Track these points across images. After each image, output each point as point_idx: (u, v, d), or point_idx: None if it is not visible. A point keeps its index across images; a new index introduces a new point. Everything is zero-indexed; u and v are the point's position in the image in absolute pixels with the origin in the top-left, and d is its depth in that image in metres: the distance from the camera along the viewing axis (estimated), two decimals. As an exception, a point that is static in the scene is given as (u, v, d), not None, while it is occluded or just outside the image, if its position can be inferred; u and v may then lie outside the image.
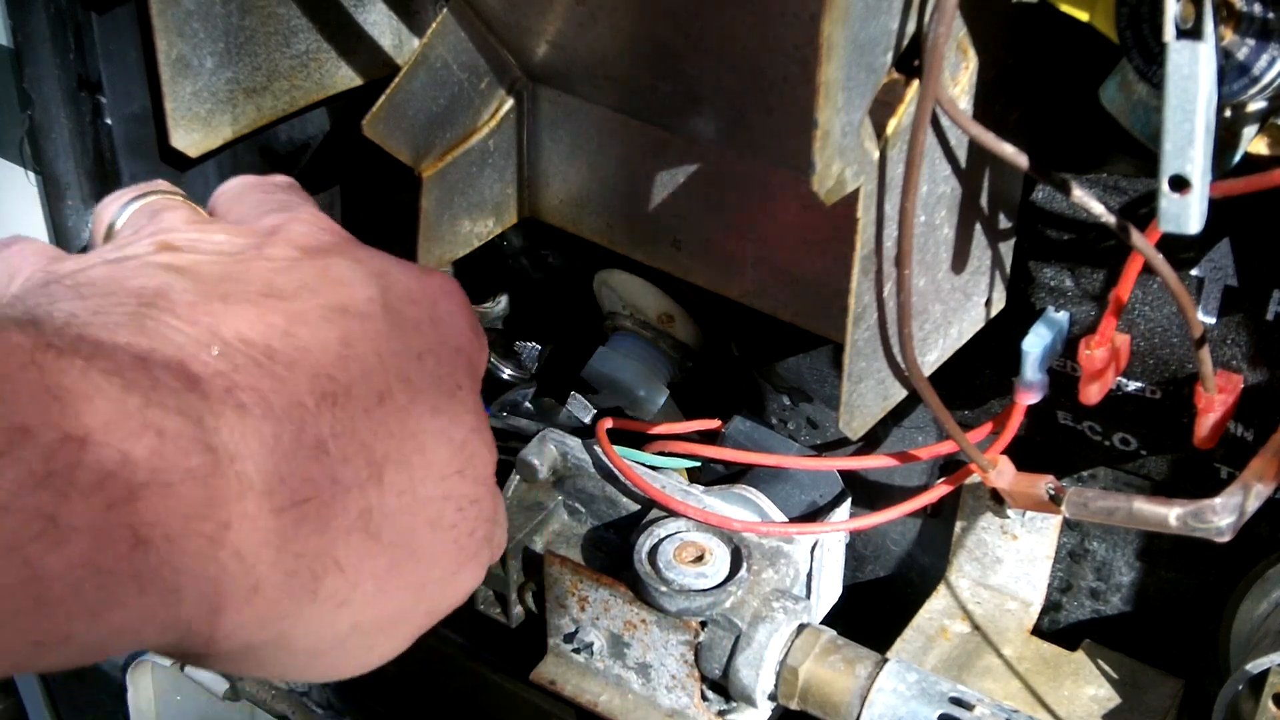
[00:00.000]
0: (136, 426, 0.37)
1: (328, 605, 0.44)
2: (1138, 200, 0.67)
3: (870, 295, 0.62)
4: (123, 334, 0.40)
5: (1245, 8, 0.51)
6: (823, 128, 0.52)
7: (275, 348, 0.43)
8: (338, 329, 0.45)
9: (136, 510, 0.37)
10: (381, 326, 0.47)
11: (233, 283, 0.45)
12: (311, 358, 0.43)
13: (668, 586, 0.70)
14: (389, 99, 0.73)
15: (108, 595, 0.36)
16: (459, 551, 0.49)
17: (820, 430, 0.89)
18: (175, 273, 0.44)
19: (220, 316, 0.42)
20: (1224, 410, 0.65)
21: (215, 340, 0.41)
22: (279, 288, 0.45)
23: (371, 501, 0.44)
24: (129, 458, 0.37)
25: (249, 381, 0.41)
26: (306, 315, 0.45)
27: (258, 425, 0.41)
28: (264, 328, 0.43)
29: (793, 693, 0.70)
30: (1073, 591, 0.84)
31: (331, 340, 0.45)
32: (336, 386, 0.44)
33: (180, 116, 0.78)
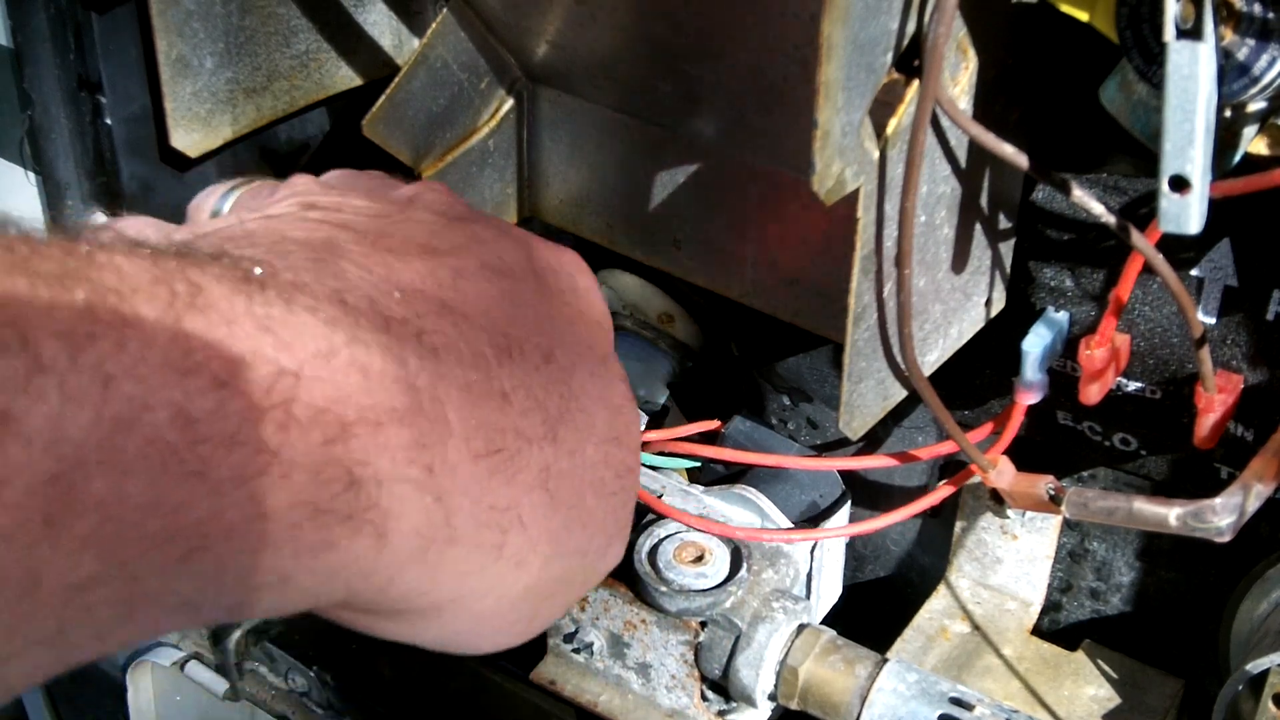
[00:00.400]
0: (343, 363, 0.36)
1: (509, 564, 0.42)
2: (1138, 200, 0.67)
3: (870, 295, 0.62)
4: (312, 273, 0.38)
5: (1245, 8, 0.51)
6: (823, 128, 0.52)
7: (448, 300, 0.41)
8: (498, 286, 0.44)
9: (350, 448, 0.35)
10: (534, 287, 0.46)
11: (392, 239, 0.43)
12: (483, 312, 0.42)
13: (667, 586, 0.70)
14: (389, 99, 0.73)
15: (324, 535, 0.35)
16: (614, 521, 0.47)
17: (820, 430, 0.89)
18: (335, 227, 0.43)
19: (393, 267, 0.41)
20: (1224, 410, 0.65)
21: (395, 288, 0.40)
22: (436, 245, 0.44)
23: (549, 459, 0.43)
24: (340, 393, 0.35)
25: (435, 328, 0.40)
26: (469, 271, 0.43)
27: (452, 370, 0.39)
28: (434, 281, 0.42)
29: (793, 693, 0.70)
30: (1073, 591, 0.84)
31: (496, 296, 0.43)
32: (510, 341, 0.42)
33: (180, 116, 0.78)
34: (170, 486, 0.32)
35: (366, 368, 0.36)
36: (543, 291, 0.46)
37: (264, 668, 1.05)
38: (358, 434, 0.36)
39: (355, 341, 0.36)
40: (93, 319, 0.31)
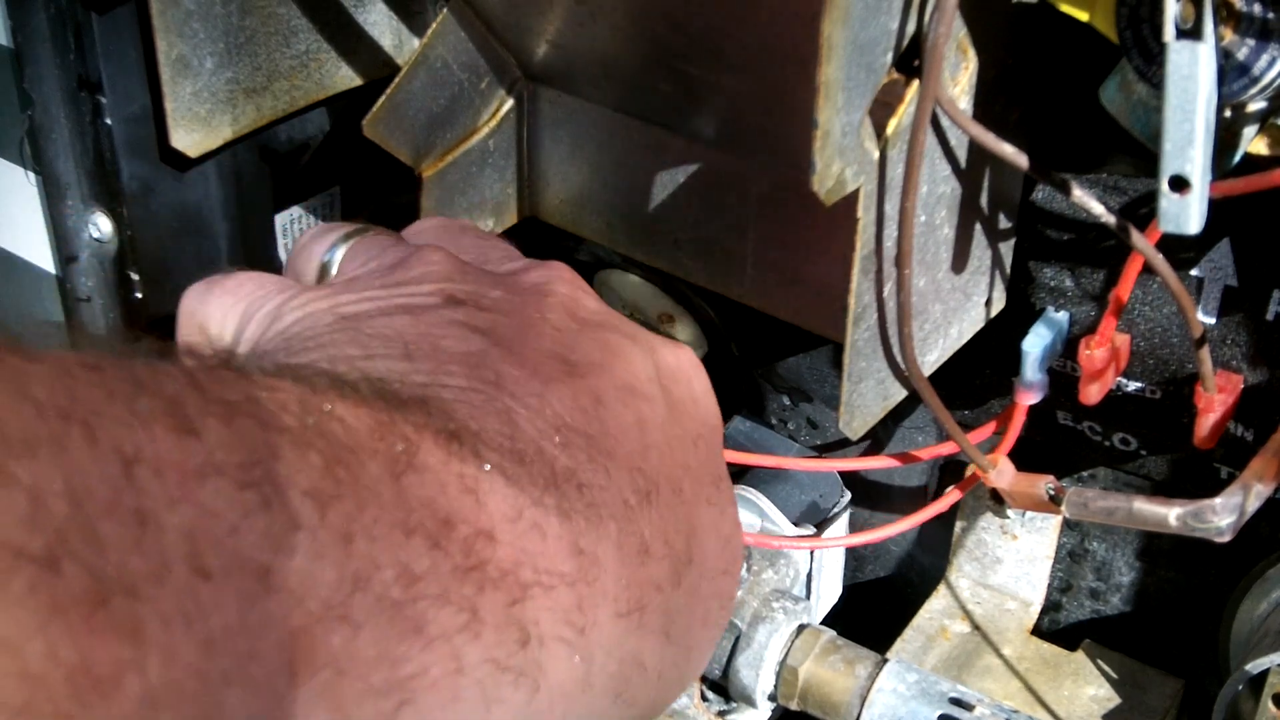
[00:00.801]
0: (527, 526, 0.37)
1: (625, 704, 0.43)
2: (1138, 200, 0.67)
3: (870, 295, 0.62)
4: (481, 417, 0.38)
5: (1245, 8, 0.51)
6: (823, 128, 0.52)
7: (594, 436, 0.41)
8: (633, 412, 0.43)
9: (526, 609, 0.36)
10: (663, 409, 0.45)
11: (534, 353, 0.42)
12: (621, 447, 0.42)
13: (668, 586, 0.70)
14: (389, 99, 0.73)
15: (496, 691, 0.36)
16: (711, 647, 0.47)
17: (820, 430, 0.89)
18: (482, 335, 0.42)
19: (544, 399, 0.41)
20: (1224, 410, 0.65)
21: (554, 428, 0.40)
22: (574, 362, 0.43)
23: (671, 604, 0.43)
24: (523, 556, 0.36)
25: (590, 479, 0.40)
26: (604, 397, 0.43)
27: (607, 526, 0.40)
28: (580, 413, 0.41)
29: (792, 693, 0.70)
30: (1072, 591, 0.84)
31: (630, 425, 0.43)
32: (648, 482, 0.42)
33: (180, 116, 0.78)
34: (394, 642, 0.33)
35: (545, 531, 0.37)
36: (671, 409, 0.45)
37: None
38: (534, 595, 0.37)
39: (536, 503, 0.37)
40: (335, 479, 0.32)
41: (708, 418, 0.48)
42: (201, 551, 0.28)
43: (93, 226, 0.83)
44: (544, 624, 0.37)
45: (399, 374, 0.38)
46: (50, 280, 0.87)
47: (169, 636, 0.27)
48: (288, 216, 0.91)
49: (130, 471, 0.27)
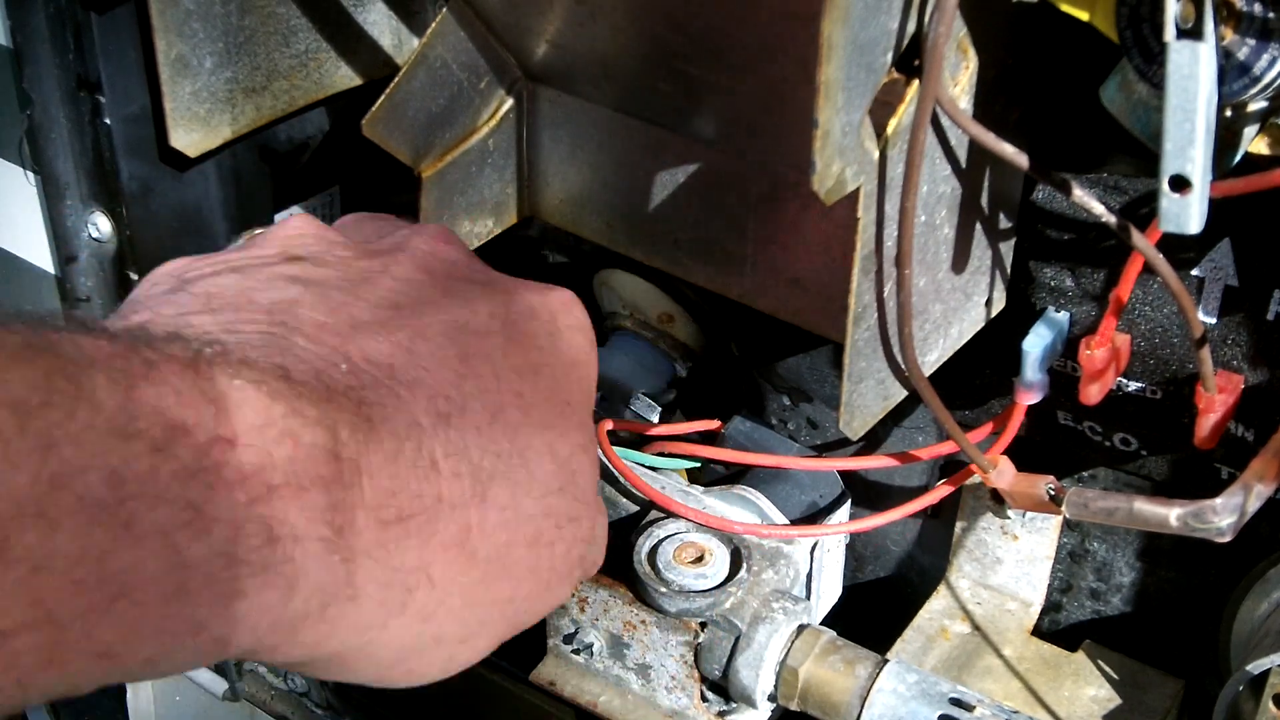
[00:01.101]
0: (278, 433, 0.40)
1: (415, 618, 0.45)
2: (1138, 200, 0.67)
3: (870, 295, 0.62)
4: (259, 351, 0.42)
5: (1246, 7, 0.51)
6: (823, 128, 0.52)
7: (397, 367, 0.44)
8: (457, 346, 0.46)
9: (272, 508, 0.39)
10: (500, 342, 0.48)
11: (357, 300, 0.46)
12: (431, 376, 0.45)
13: (667, 587, 0.70)
14: (389, 99, 0.73)
15: (237, 585, 0.38)
16: (552, 569, 0.49)
17: (820, 430, 0.89)
18: (302, 285, 0.46)
19: (347, 337, 0.44)
20: (1224, 410, 0.65)
21: (343, 359, 0.43)
22: (402, 306, 0.47)
23: (473, 519, 0.45)
24: (271, 461, 0.39)
25: (375, 399, 0.43)
26: (428, 332, 0.46)
27: (382, 440, 0.42)
28: (389, 346, 0.45)
29: (792, 693, 0.70)
30: (1073, 592, 0.84)
31: (451, 357, 0.46)
32: (452, 406, 0.45)
33: (180, 116, 0.78)
34: (97, 538, 0.35)
35: (299, 438, 0.40)
36: (511, 343, 0.49)
37: (263, 668, 1.05)
38: (282, 496, 0.39)
39: (292, 414, 0.40)
40: (48, 389, 0.34)
41: (564, 352, 0.50)
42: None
43: (92, 226, 0.83)
44: (295, 523, 0.39)
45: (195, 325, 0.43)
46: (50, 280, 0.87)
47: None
48: (287, 216, 0.91)
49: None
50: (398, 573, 0.43)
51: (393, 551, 0.43)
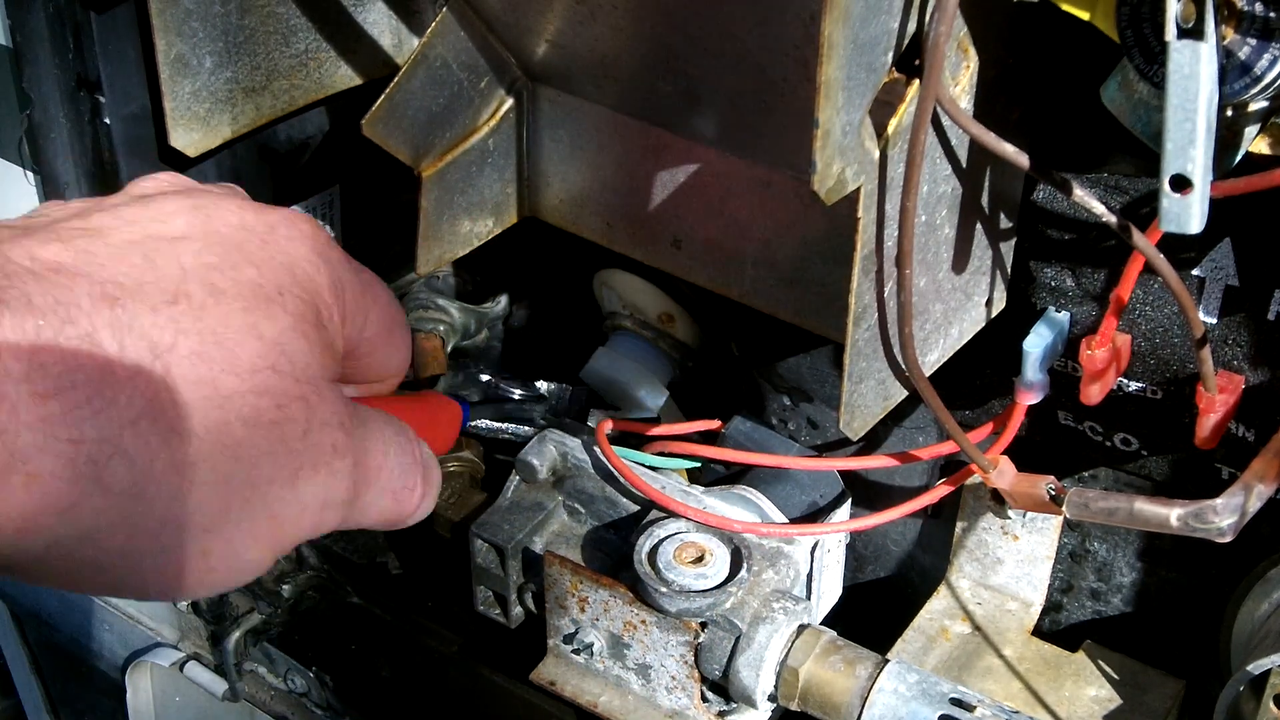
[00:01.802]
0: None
1: (123, 496, 0.44)
2: (1139, 200, 0.67)
3: (870, 295, 0.61)
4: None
5: (1246, 7, 0.51)
6: (823, 127, 0.52)
7: (63, 263, 0.45)
8: (141, 249, 0.47)
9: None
10: (195, 245, 0.48)
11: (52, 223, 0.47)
12: (101, 270, 0.45)
13: (668, 587, 0.70)
14: (389, 99, 0.73)
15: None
16: (289, 452, 0.48)
17: (820, 430, 0.89)
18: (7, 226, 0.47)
19: (16, 244, 0.45)
20: (1225, 410, 0.65)
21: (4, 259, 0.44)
22: (92, 221, 0.48)
23: (159, 391, 0.45)
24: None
25: (16, 286, 0.43)
26: (109, 237, 0.47)
27: (18, 320, 0.43)
28: (59, 248, 0.45)
29: (793, 693, 0.70)
30: (1073, 592, 0.84)
31: (130, 255, 0.47)
32: (121, 291, 0.45)
33: (179, 116, 0.78)
34: None
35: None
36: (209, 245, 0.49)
37: (263, 668, 1.05)
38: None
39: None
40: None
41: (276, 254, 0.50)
42: None
43: (92, 226, 0.82)
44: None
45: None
46: (49, 280, 0.87)
47: None
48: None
49: None
50: (78, 445, 0.43)
51: (60, 424, 0.43)
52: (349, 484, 0.50)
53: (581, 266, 0.93)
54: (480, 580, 0.81)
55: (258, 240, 0.50)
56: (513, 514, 0.79)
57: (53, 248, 0.45)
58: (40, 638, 1.32)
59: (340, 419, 0.50)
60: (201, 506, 0.46)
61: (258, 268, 0.49)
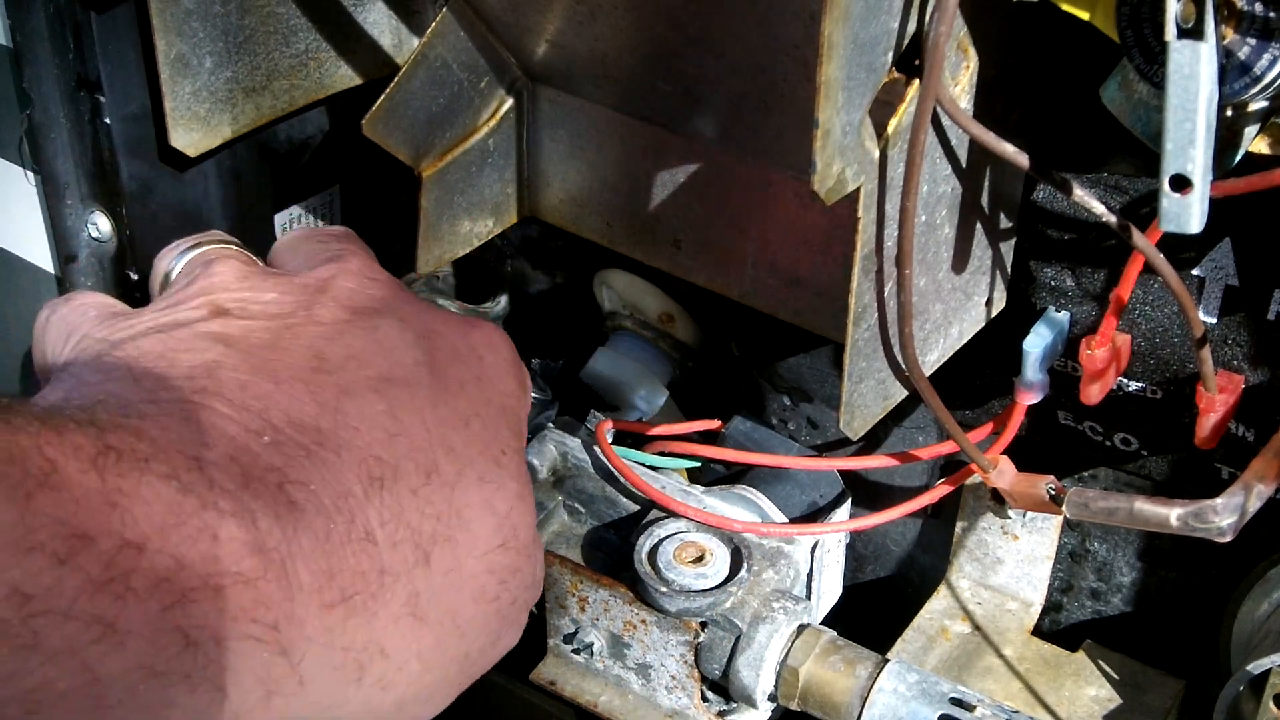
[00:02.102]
0: (192, 531, 0.37)
1: (374, 689, 0.44)
2: (1139, 200, 0.67)
3: (870, 295, 0.61)
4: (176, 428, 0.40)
5: (1246, 7, 0.51)
6: (823, 127, 0.52)
7: (324, 430, 0.43)
8: (385, 401, 0.45)
9: (188, 613, 0.37)
10: (428, 393, 0.47)
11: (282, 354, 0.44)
12: (360, 437, 0.43)
13: (668, 587, 0.70)
14: (388, 99, 0.73)
15: (160, 695, 0.37)
16: (501, 620, 0.49)
17: (820, 430, 0.89)
18: (224, 345, 0.44)
19: (270, 399, 0.42)
20: (1225, 410, 0.65)
21: (266, 428, 0.41)
22: (327, 358, 0.45)
23: (419, 585, 0.44)
24: (183, 562, 0.37)
25: (300, 475, 0.41)
26: (354, 388, 0.45)
27: (310, 522, 0.41)
28: (315, 407, 0.43)
29: (793, 693, 0.70)
30: (1073, 592, 0.84)
31: (379, 414, 0.45)
32: (384, 469, 0.43)
33: (179, 116, 0.78)
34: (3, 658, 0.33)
35: (216, 534, 0.38)
36: (439, 390, 0.47)
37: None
38: (197, 599, 0.37)
39: (206, 508, 0.38)
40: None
41: (493, 396, 0.49)
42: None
43: (92, 226, 0.83)
44: (215, 626, 0.38)
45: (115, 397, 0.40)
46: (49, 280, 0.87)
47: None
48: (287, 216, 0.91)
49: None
50: (348, 652, 0.42)
51: (339, 634, 0.42)
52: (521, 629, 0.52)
53: (581, 266, 0.93)
54: (480, 580, 0.81)
55: (473, 377, 0.49)
56: (513, 514, 0.79)
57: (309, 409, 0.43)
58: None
59: (536, 577, 0.51)
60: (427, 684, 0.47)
61: (482, 420, 0.48)
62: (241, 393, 0.42)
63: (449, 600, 0.46)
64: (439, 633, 0.46)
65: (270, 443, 0.41)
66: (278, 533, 0.40)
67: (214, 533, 0.38)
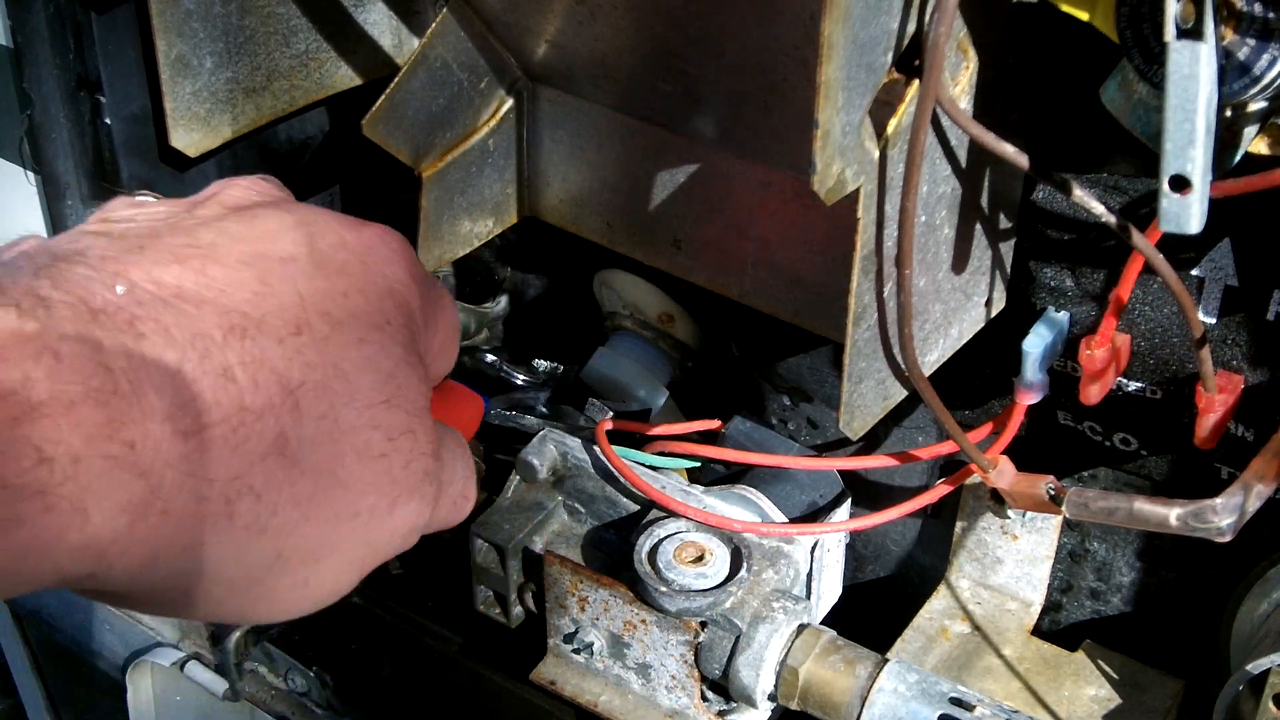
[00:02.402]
0: (34, 349, 0.39)
1: (247, 531, 0.44)
2: (1138, 200, 0.67)
3: (870, 295, 0.62)
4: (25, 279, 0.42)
5: (1246, 7, 0.51)
6: (823, 127, 0.52)
7: (186, 288, 0.44)
8: (255, 271, 0.46)
9: (40, 427, 0.38)
10: (305, 268, 0.48)
11: (154, 239, 0.46)
12: (224, 296, 0.45)
13: (668, 587, 0.70)
14: (389, 99, 0.73)
15: (13, 510, 0.38)
16: (393, 483, 0.49)
17: (820, 430, 0.89)
18: (98, 235, 0.46)
19: (131, 264, 0.44)
20: (1224, 410, 0.65)
21: (123, 281, 0.43)
22: (200, 239, 0.47)
23: (286, 427, 0.45)
24: (29, 377, 0.39)
25: (151, 315, 0.43)
26: (223, 259, 0.46)
27: (158, 353, 0.42)
28: (178, 270, 0.45)
29: (793, 693, 0.70)
30: (1073, 592, 0.84)
31: (248, 279, 0.46)
32: (247, 321, 0.45)
33: (180, 116, 0.78)
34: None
35: (58, 352, 0.39)
36: (317, 268, 0.49)
37: (263, 668, 1.05)
38: (48, 413, 0.39)
39: (48, 330, 0.40)
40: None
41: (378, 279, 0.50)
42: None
43: (92, 226, 0.83)
44: (69, 440, 0.39)
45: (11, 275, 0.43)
46: (50, 280, 0.87)
47: None
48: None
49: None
50: (212, 484, 0.43)
51: (199, 464, 0.42)
52: (432, 505, 0.51)
53: (581, 266, 0.93)
54: (480, 580, 0.81)
55: (358, 262, 0.50)
56: (513, 514, 0.79)
57: (172, 270, 0.44)
58: (41, 637, 1.32)
59: (434, 446, 0.51)
60: (313, 539, 0.47)
61: (364, 295, 0.49)
62: (103, 261, 0.44)
63: (327, 450, 0.46)
64: (318, 481, 0.46)
65: (126, 292, 0.43)
66: (124, 359, 0.41)
67: (56, 351, 0.40)
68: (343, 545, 0.48)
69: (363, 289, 0.49)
